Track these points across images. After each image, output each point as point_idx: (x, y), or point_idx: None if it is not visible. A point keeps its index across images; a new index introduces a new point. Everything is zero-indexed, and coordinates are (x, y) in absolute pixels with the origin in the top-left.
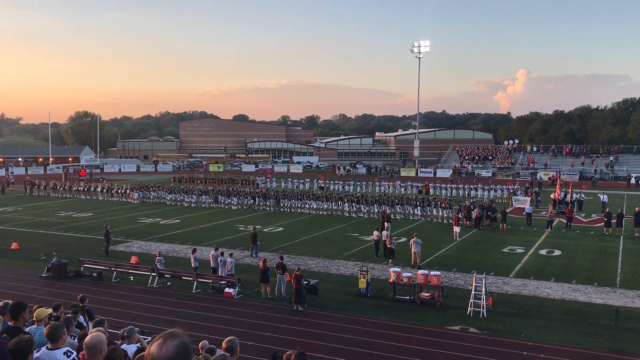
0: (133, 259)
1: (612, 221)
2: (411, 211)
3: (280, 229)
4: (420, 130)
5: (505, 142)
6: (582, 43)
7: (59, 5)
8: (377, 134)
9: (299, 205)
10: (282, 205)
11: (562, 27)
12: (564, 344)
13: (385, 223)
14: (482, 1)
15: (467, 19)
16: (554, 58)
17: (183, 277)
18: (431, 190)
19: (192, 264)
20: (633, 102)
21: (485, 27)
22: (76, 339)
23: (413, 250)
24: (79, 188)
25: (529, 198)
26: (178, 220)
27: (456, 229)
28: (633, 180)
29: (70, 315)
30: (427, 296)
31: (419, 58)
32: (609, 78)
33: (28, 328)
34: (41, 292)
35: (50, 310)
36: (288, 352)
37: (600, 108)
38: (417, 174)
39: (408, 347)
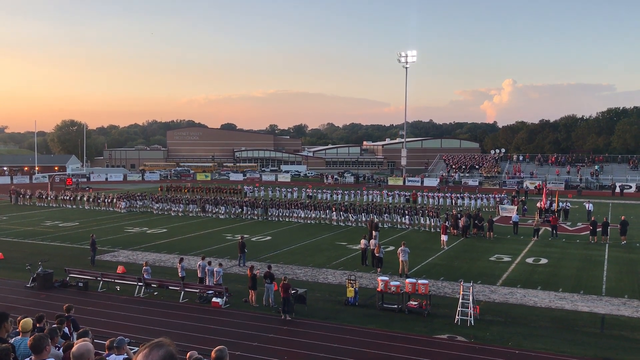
0: (119, 269)
1: (598, 229)
2: (399, 220)
3: (268, 238)
4: (407, 140)
5: (492, 151)
6: (567, 53)
7: (45, 12)
8: (364, 143)
9: (287, 214)
10: (270, 214)
11: (548, 37)
12: (551, 351)
13: (373, 232)
14: (469, 12)
15: (453, 29)
16: (539, 68)
17: (170, 287)
18: (419, 199)
19: (179, 274)
20: (617, 112)
21: (472, 37)
22: (61, 350)
23: (401, 258)
24: (65, 197)
25: (516, 207)
26: (165, 230)
27: (444, 237)
28: (618, 189)
29: (55, 325)
30: (415, 305)
31: (406, 68)
32: (594, 88)
33: (13, 339)
34: (26, 303)
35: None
36: None
37: (585, 118)
38: (404, 182)
39: (396, 355)
